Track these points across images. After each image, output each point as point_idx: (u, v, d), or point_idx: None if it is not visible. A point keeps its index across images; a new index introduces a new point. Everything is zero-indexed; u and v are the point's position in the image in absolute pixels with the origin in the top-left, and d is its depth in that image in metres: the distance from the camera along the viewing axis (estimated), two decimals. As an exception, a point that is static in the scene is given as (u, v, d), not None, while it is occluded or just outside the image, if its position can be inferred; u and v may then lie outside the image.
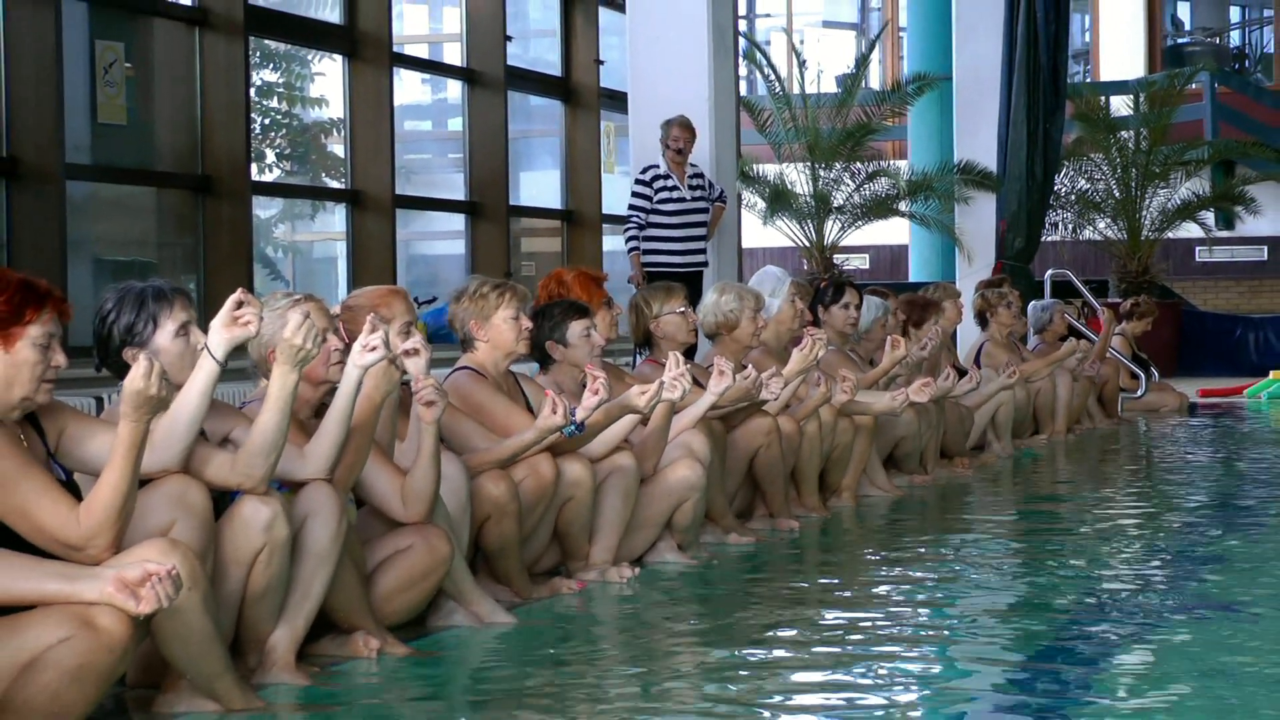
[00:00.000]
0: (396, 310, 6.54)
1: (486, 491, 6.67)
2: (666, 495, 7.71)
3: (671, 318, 8.84)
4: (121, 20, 12.09)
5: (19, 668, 4.44)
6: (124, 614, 4.48)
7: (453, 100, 16.42)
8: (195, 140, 12.29)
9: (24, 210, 10.67)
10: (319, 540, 5.57)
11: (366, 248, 13.98)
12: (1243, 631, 6.31)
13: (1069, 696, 5.41)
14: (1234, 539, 8.72)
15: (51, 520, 4.74)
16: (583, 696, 5.47)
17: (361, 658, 5.78)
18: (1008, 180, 18.72)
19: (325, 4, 14.15)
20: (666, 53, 13.90)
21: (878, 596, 7.23)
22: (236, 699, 5.07)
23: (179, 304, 5.52)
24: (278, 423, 5.31)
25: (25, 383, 4.85)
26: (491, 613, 6.42)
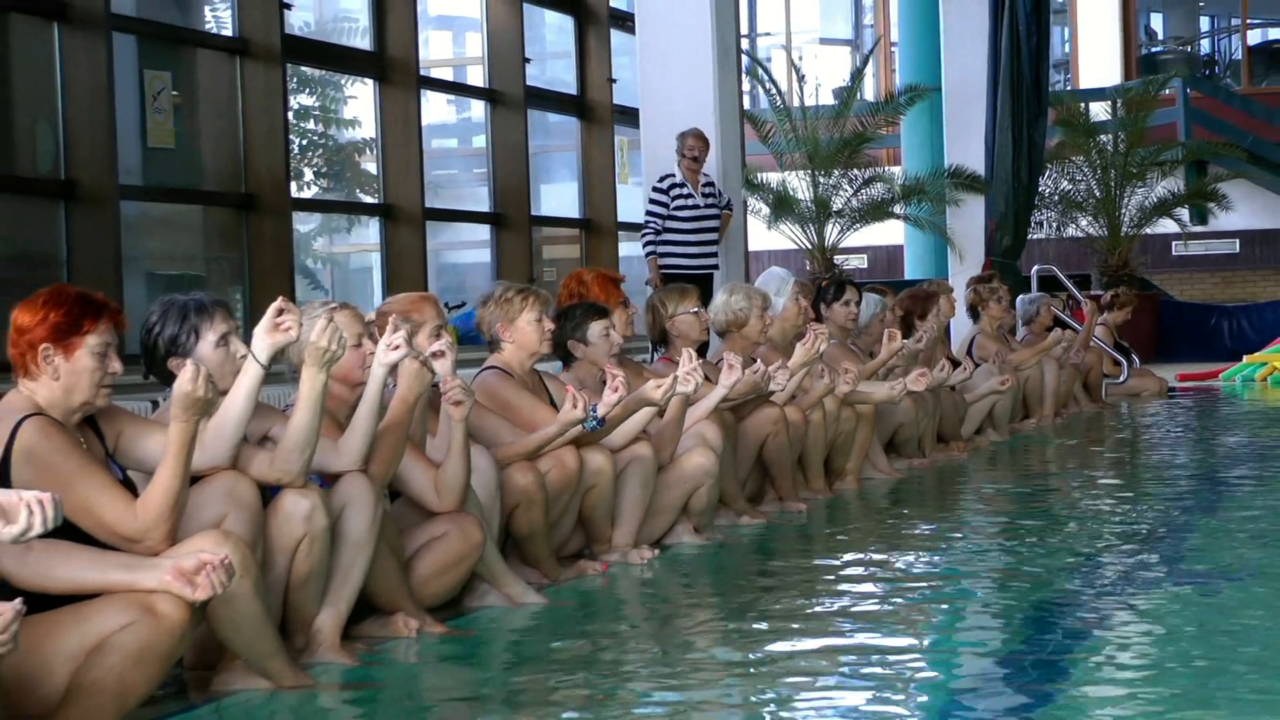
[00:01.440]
0: (427, 315, 6.56)
1: (515, 482, 6.69)
2: (682, 481, 7.72)
3: (686, 317, 8.87)
4: (168, 51, 12.11)
5: (86, 651, 4.46)
6: (182, 600, 4.50)
7: (476, 119, 16.42)
8: (238, 161, 12.31)
9: (81, 229, 10.70)
10: (356, 528, 5.59)
11: (399, 258, 14.00)
12: (1221, 597, 6.33)
13: (1063, 660, 5.42)
14: (1212, 512, 8.74)
15: (112, 515, 4.76)
16: (610, 669, 5.49)
17: (402, 637, 5.80)
18: (995, 183, 18.72)
19: (357, 32, 14.17)
20: (674, 71, 13.92)
21: (881, 571, 7.24)
22: (287, 677, 5.10)
23: (219, 316, 5.54)
24: (310, 420, 5.33)
25: (84, 389, 4.89)
26: (522, 593, 6.44)
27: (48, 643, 4.45)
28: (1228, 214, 23.83)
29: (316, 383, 5.35)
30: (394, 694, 5.26)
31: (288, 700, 5.02)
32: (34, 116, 10.76)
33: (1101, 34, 29.62)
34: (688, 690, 5.20)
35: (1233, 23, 31.80)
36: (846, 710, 4.87)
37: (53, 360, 4.86)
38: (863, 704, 4.94)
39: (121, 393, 5.29)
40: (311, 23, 14.17)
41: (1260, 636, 5.64)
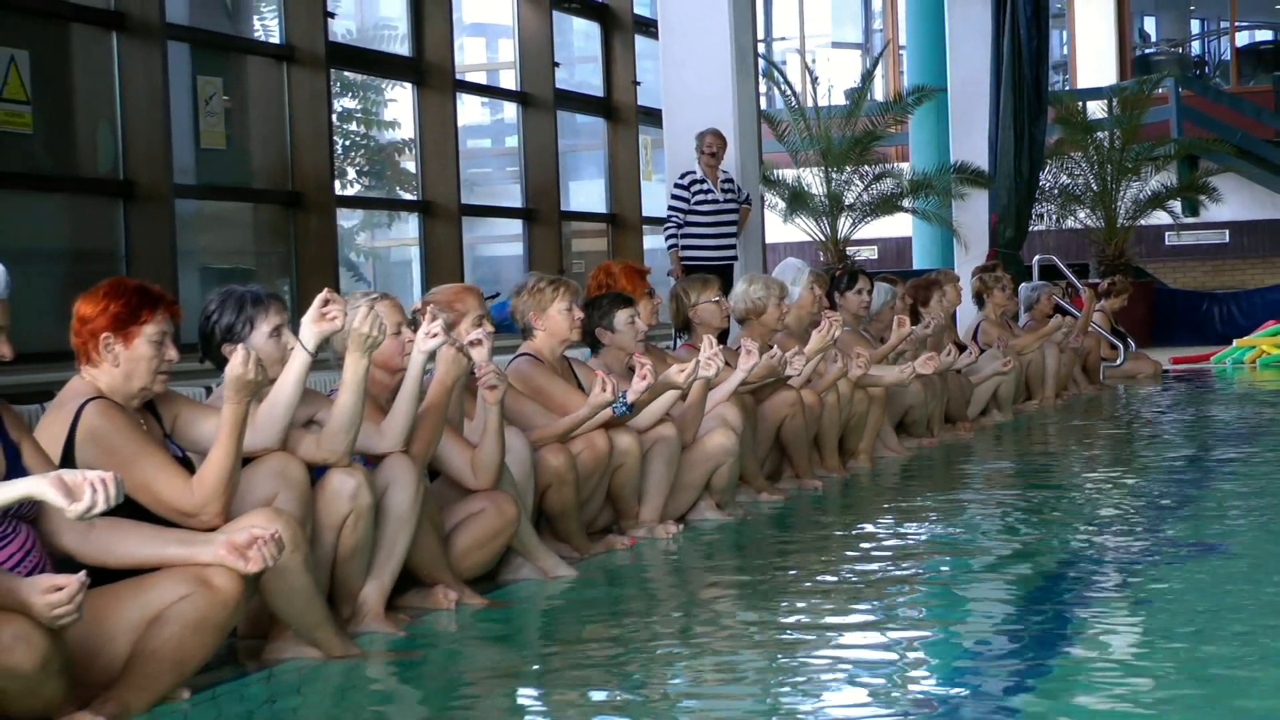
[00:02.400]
0: (469, 305, 6.57)
1: (547, 463, 6.70)
2: (705, 460, 7.72)
3: (707, 306, 8.88)
4: (220, 58, 12.12)
5: (146, 621, 4.47)
6: (235, 573, 4.51)
7: (509, 120, 16.42)
8: (285, 161, 12.32)
9: (139, 226, 10.72)
10: (399, 505, 5.60)
11: (437, 251, 14.01)
12: (1212, 567, 6.32)
13: (1062, 628, 5.41)
14: (1204, 487, 8.73)
15: (169, 493, 4.78)
16: (638, 637, 5.49)
17: (442, 608, 5.81)
18: (998, 178, 18.66)
19: (396, 39, 14.18)
20: (695, 73, 13.90)
21: (892, 544, 7.23)
22: (335, 646, 5.11)
23: (274, 309, 5.57)
24: (353, 403, 5.35)
25: (143, 374, 4.91)
26: (555, 567, 6.44)
27: (110, 613, 4.46)
28: (1218, 206, 23.77)
29: (359, 368, 5.37)
30: (435, 661, 5.27)
31: (335, 668, 5.03)
32: (95, 120, 10.79)
33: (1098, 36, 29.55)
34: (710, 655, 5.21)
35: (1222, 25, 31.74)
36: (860, 673, 4.87)
37: (113, 348, 4.88)
38: (875, 668, 4.93)
39: (177, 379, 5.30)
40: (354, 30, 14.17)
41: (1248, 605, 5.63)
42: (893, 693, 4.67)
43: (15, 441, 4.50)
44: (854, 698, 4.62)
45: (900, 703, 4.56)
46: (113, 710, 4.31)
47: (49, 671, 4.13)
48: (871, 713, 4.45)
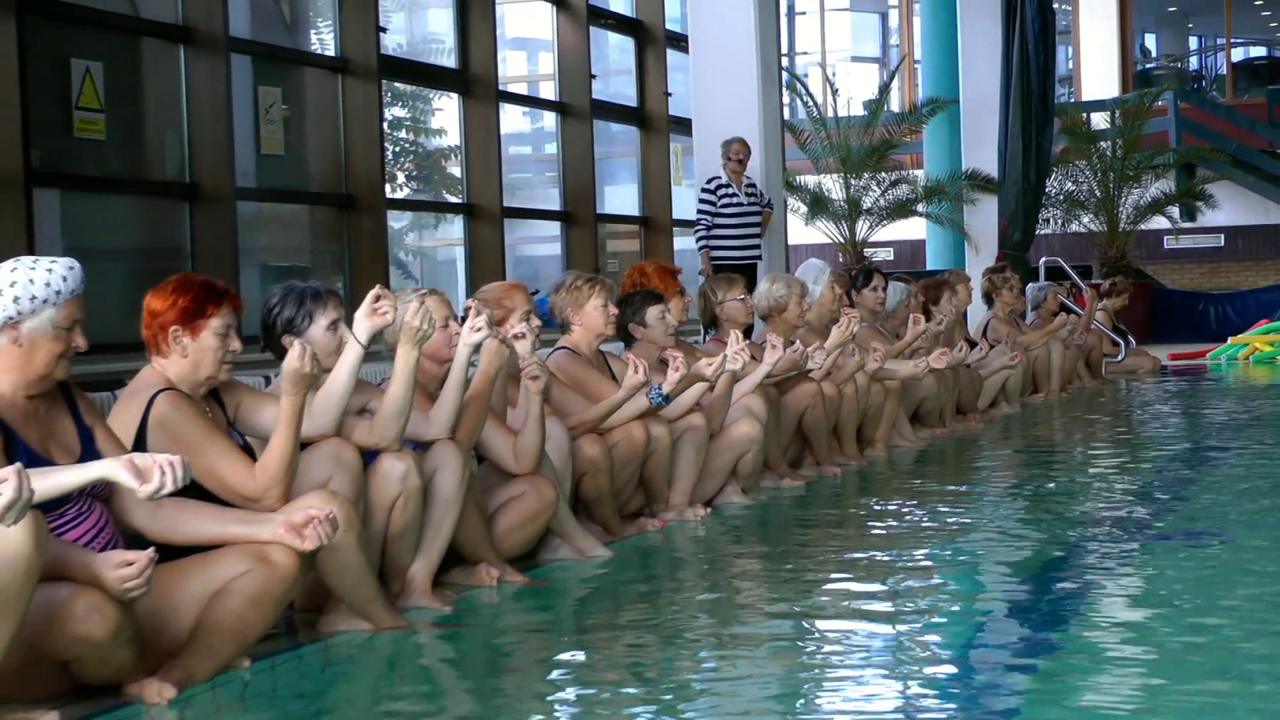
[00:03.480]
0: (518, 301, 6.58)
1: (584, 452, 6.70)
2: (731, 448, 7.72)
3: (733, 303, 8.88)
4: (279, 69, 12.14)
5: (210, 595, 4.49)
6: (293, 551, 4.53)
7: (548, 129, 16.42)
8: (340, 166, 12.34)
9: (204, 226, 10.75)
10: (446, 488, 5.61)
11: (480, 251, 14.02)
12: (1207, 550, 6.31)
13: (1066, 607, 5.40)
14: (1200, 475, 8.72)
15: (232, 477, 4.80)
16: (669, 614, 5.50)
17: (485, 585, 5.82)
18: (1007, 184, 18.65)
19: (444, 52, 14.19)
20: (723, 85, 13.88)
21: (906, 527, 7.23)
22: (385, 619, 5.11)
23: (332, 304, 5.58)
24: (404, 392, 5.36)
25: (208, 365, 4.93)
26: (591, 547, 6.45)
27: (176, 587, 4.48)
28: (1214, 212, 23.74)
29: (410, 359, 5.38)
30: (478, 634, 5.28)
31: (386, 639, 5.04)
32: (163, 128, 10.81)
33: (1101, 52, 29.49)
34: (736, 629, 5.21)
35: (1218, 42, 31.68)
36: (877, 649, 4.87)
37: (181, 340, 4.90)
38: (890, 642, 4.93)
39: (240, 368, 5.32)
40: (404, 44, 14.19)
41: (1242, 585, 5.62)
42: (907, 665, 4.67)
43: (90, 426, 4.53)
44: (871, 671, 4.62)
45: (914, 675, 4.55)
46: (179, 677, 4.32)
47: (120, 641, 4.15)
48: (887, 685, 4.45)
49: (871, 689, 4.44)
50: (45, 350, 4.33)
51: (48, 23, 9.83)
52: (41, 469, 3.89)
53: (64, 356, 4.37)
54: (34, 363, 4.33)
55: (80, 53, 10.04)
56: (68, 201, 10.14)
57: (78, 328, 4.38)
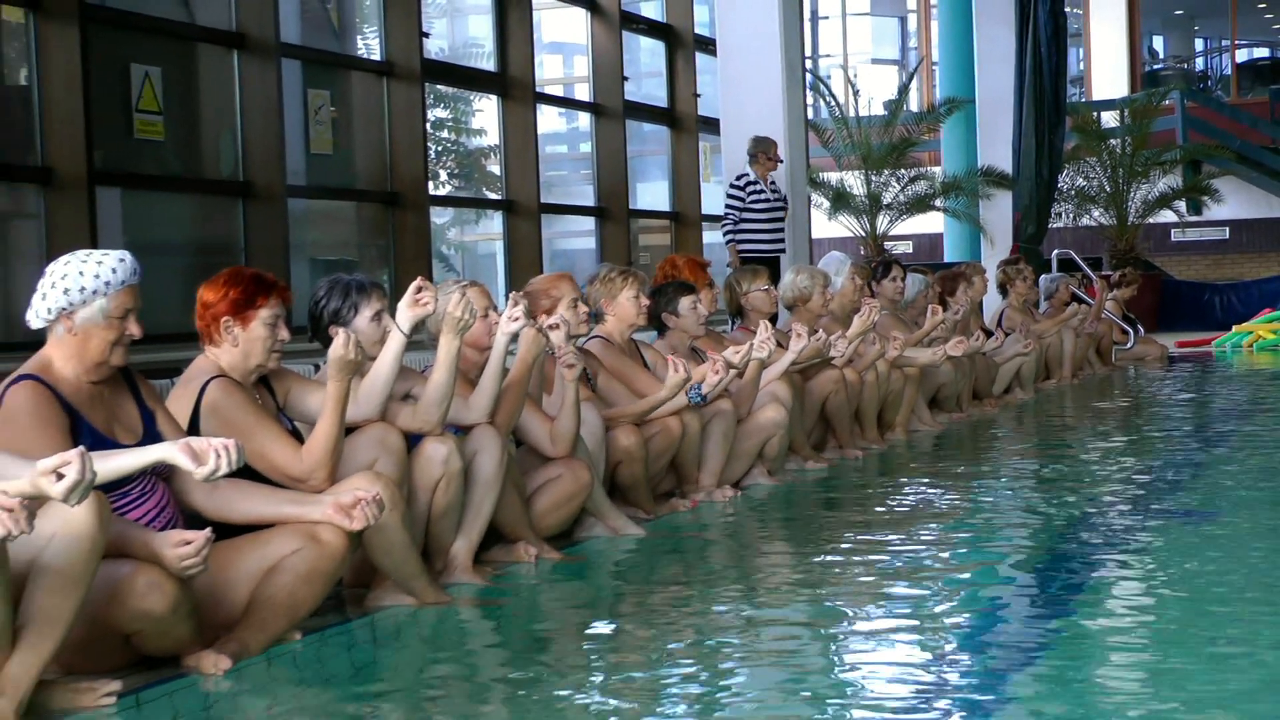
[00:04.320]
0: (564, 290, 6.59)
1: (619, 442, 6.70)
2: (758, 432, 7.72)
3: (758, 294, 8.87)
4: (328, 73, 12.17)
5: (263, 572, 4.51)
6: (341, 530, 4.54)
7: (583, 128, 16.42)
8: (385, 164, 12.36)
9: (256, 221, 10.78)
10: (486, 470, 5.61)
11: (519, 245, 14.03)
12: (1212, 529, 6.29)
13: (1078, 582, 5.39)
14: (1205, 458, 8.68)
15: (282, 459, 4.81)
16: (699, 589, 5.49)
17: (524, 562, 5.82)
18: (1021, 180, 18.59)
19: (483, 56, 14.19)
20: (750, 87, 13.86)
21: (925, 507, 7.21)
22: (429, 595, 5.12)
23: (376, 296, 5.59)
24: (446, 379, 5.37)
25: (258, 353, 4.94)
26: (625, 526, 6.45)
27: (231, 565, 4.49)
28: (1219, 206, 23.64)
29: (452, 348, 5.38)
30: (517, 608, 5.29)
31: (429, 614, 5.05)
32: (218, 129, 10.85)
33: (1111, 53, 29.37)
34: (762, 603, 5.21)
35: (1223, 43, 31.55)
36: (896, 621, 4.86)
37: (232, 330, 4.91)
38: (908, 617, 4.92)
39: (289, 357, 5.33)
40: (446, 48, 14.20)
41: (1241, 561, 5.61)
42: (925, 635, 4.66)
43: (151, 409, 4.55)
44: (891, 640, 4.62)
45: (931, 644, 4.55)
46: (234, 649, 4.34)
47: (179, 615, 4.17)
48: (906, 654, 4.45)
49: (891, 657, 4.44)
50: (98, 338, 4.35)
51: (109, 30, 9.87)
52: (104, 451, 3.91)
53: (119, 344, 4.39)
54: (89, 350, 4.36)
55: (140, 58, 10.08)
56: (128, 199, 10.19)
57: (131, 316, 4.39)
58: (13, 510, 3.31)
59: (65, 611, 3.78)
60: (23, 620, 3.75)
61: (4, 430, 4.21)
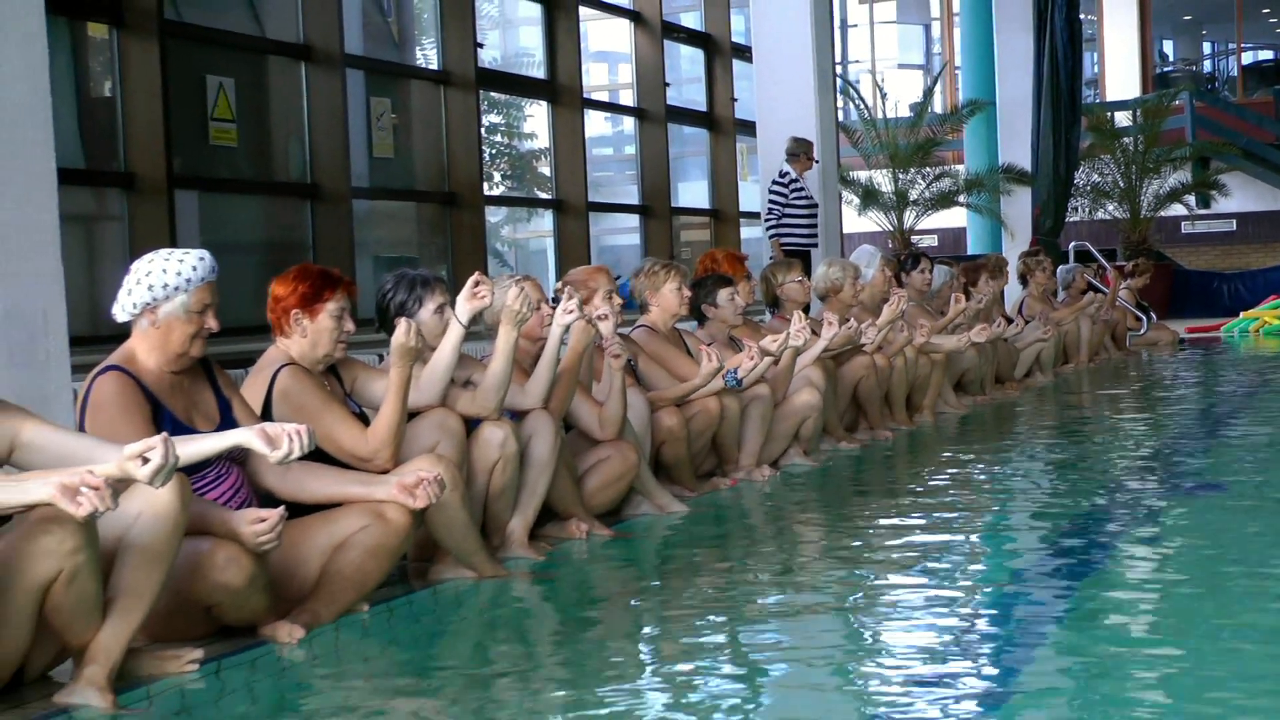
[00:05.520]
0: (601, 282, 6.59)
1: (664, 423, 6.70)
2: (794, 414, 7.70)
3: (792, 285, 8.84)
4: (388, 82, 12.19)
5: (333, 548, 4.52)
6: (405, 508, 4.56)
7: (628, 132, 16.41)
8: (443, 167, 12.38)
9: (323, 221, 10.81)
10: (540, 452, 5.62)
11: (568, 241, 14.03)
12: (1221, 504, 6.26)
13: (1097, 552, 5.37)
14: (1214, 437, 8.64)
15: (349, 442, 4.82)
16: (739, 561, 5.50)
17: (575, 538, 5.83)
18: (1039, 177, 18.49)
19: (534, 65, 14.19)
20: (784, 91, 13.82)
21: (951, 484, 7.19)
22: (487, 569, 5.13)
23: (439, 290, 5.60)
24: (504, 367, 5.37)
25: (326, 343, 4.96)
26: (669, 504, 6.44)
27: (303, 541, 4.51)
28: (1226, 199, 23.51)
29: (509, 338, 5.39)
30: (570, 581, 5.30)
31: (488, 586, 5.06)
32: (287, 135, 10.88)
33: (1123, 57, 29.21)
34: (798, 573, 5.20)
35: (1230, 46, 31.33)
36: (924, 588, 4.84)
37: (301, 322, 4.92)
38: (936, 588, 4.91)
39: (356, 347, 5.34)
40: (499, 58, 14.22)
41: (1250, 535, 5.58)
42: (953, 604, 4.64)
43: (228, 398, 4.56)
44: (920, 607, 4.60)
45: (957, 610, 4.53)
46: (306, 620, 4.35)
47: (255, 588, 4.19)
48: (934, 619, 4.43)
49: (919, 622, 4.42)
50: (179, 331, 4.37)
51: (186, 44, 9.91)
52: (185, 436, 3.92)
53: (198, 336, 4.40)
54: (171, 342, 4.37)
55: (215, 70, 10.12)
56: (205, 201, 10.23)
57: (210, 311, 4.41)
58: (99, 490, 3.33)
59: (151, 585, 3.80)
60: (112, 593, 3.77)
61: (92, 418, 4.24)
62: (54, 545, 3.58)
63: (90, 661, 3.72)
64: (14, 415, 3.87)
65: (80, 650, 3.74)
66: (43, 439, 3.83)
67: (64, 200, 5.49)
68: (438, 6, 12.43)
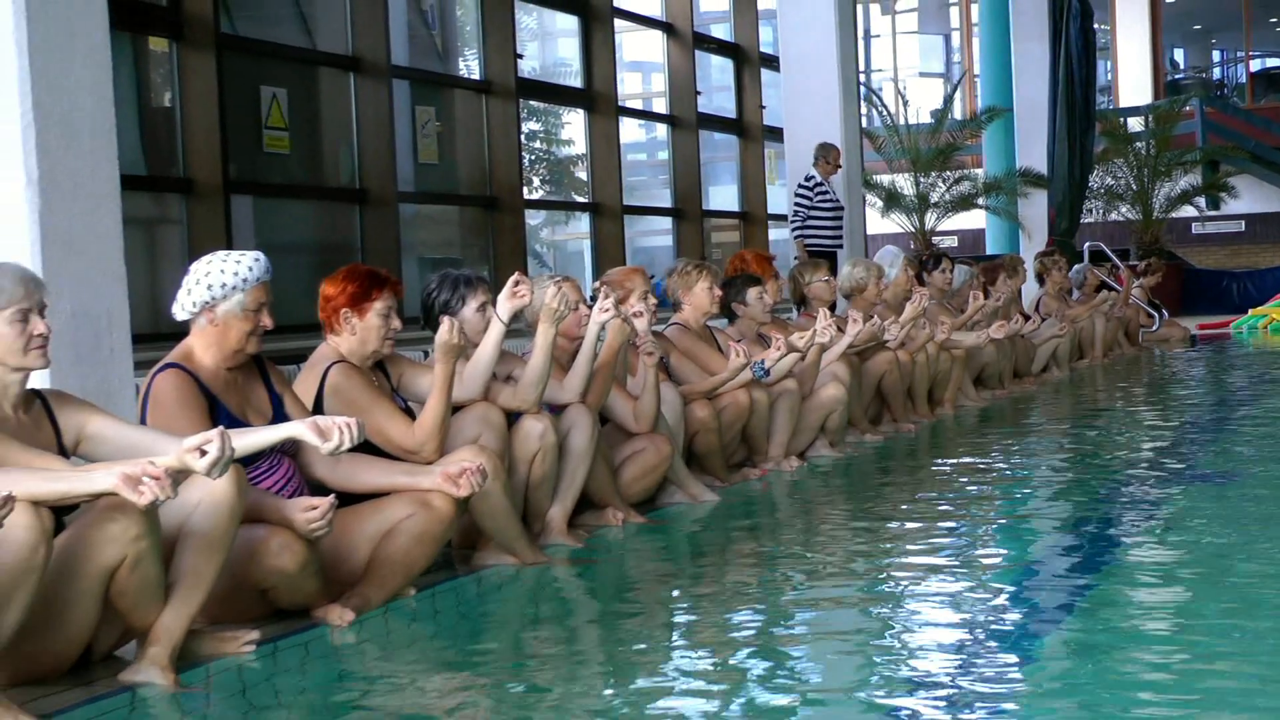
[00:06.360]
0: (636, 282, 6.59)
1: (695, 414, 6.70)
2: (820, 408, 7.69)
3: (819, 284, 8.83)
4: (433, 91, 12.20)
5: (381, 535, 4.54)
6: (450, 497, 4.56)
7: (660, 138, 16.39)
8: (485, 172, 12.39)
9: (371, 224, 10.83)
10: (578, 444, 5.62)
11: (604, 243, 14.03)
12: (1230, 492, 6.23)
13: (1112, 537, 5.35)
14: (1224, 428, 8.59)
15: (397, 435, 4.83)
16: (768, 548, 5.50)
17: (612, 525, 5.83)
18: (1055, 180, 18.41)
19: (571, 74, 14.19)
20: (810, 99, 13.79)
21: (970, 473, 7.16)
22: (528, 555, 5.13)
23: (481, 289, 5.61)
24: (543, 363, 5.37)
25: (374, 340, 4.97)
26: (702, 493, 6.44)
27: (353, 528, 4.52)
28: (1235, 201, 23.41)
29: (548, 335, 5.39)
30: (607, 566, 5.30)
31: (528, 571, 5.07)
32: (337, 143, 10.91)
33: (1136, 65, 29.07)
34: (825, 559, 5.19)
35: (1238, 54, 31.16)
36: (945, 573, 4.83)
37: (350, 320, 4.94)
38: (957, 574, 4.89)
39: (402, 344, 5.35)
40: (537, 68, 14.22)
41: (1261, 521, 5.55)
42: (974, 590, 4.63)
43: (279, 393, 4.58)
44: (940, 591, 4.59)
45: (976, 595, 4.52)
46: (356, 604, 4.37)
47: (307, 572, 4.20)
48: (954, 602, 4.42)
49: (941, 607, 4.41)
50: (237, 329, 4.39)
51: (241, 56, 9.94)
52: (240, 429, 3.94)
53: (254, 334, 4.42)
54: (228, 339, 4.39)
55: (268, 81, 10.15)
56: (259, 206, 10.27)
57: (265, 309, 4.43)
58: (160, 480, 3.35)
59: (210, 570, 3.82)
60: (173, 578, 3.79)
61: (153, 412, 4.27)
62: (119, 532, 3.60)
63: (153, 642, 3.75)
64: (81, 410, 3.91)
65: (144, 631, 3.77)
66: (107, 432, 3.86)
67: (126, 205, 5.51)
68: (480, 19, 12.44)
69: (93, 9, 5.24)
